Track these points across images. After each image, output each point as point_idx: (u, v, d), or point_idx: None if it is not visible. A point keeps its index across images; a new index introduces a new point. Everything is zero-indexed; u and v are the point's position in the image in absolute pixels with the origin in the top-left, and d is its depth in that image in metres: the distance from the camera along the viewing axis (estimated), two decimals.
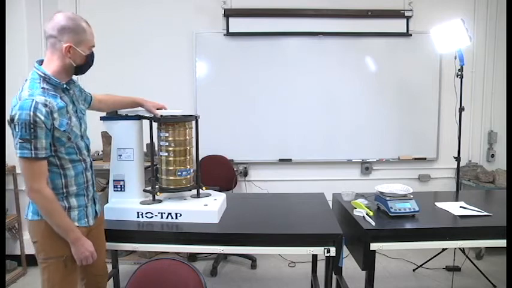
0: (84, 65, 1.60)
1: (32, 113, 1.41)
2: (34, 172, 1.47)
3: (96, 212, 1.76)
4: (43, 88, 1.50)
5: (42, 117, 1.43)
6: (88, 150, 1.71)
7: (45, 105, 1.45)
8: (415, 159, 3.92)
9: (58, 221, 1.53)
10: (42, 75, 1.52)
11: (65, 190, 1.59)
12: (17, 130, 1.42)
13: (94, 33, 1.61)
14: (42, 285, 1.61)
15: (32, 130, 1.41)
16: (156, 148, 2.13)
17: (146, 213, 1.99)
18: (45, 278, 1.60)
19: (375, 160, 3.93)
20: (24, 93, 1.46)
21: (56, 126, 1.49)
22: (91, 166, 1.73)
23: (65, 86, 1.57)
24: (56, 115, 1.49)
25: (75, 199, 1.63)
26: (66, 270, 1.60)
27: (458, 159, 3.23)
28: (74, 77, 1.71)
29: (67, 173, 1.59)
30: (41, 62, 1.56)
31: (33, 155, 1.44)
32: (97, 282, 1.85)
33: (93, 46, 1.60)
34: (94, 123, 2.13)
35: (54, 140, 1.51)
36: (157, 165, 2.12)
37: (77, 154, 1.62)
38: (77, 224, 1.62)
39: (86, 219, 1.67)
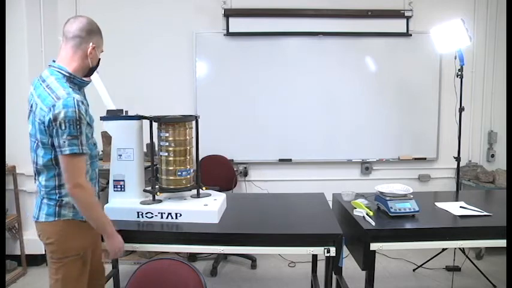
0: (94, 68, 1.68)
1: (77, 110, 1.47)
2: (80, 167, 1.52)
3: None
4: (71, 87, 1.55)
5: (84, 114, 1.51)
6: (96, 147, 1.77)
7: (82, 103, 1.52)
8: (415, 159, 3.92)
9: (98, 214, 1.60)
10: (67, 74, 1.57)
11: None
12: (63, 128, 1.46)
13: None
14: (55, 286, 1.60)
15: (78, 126, 1.48)
16: (156, 148, 2.13)
17: (146, 213, 1.98)
18: (59, 278, 1.59)
19: (375, 160, 3.93)
20: (61, 92, 1.49)
21: (88, 122, 1.58)
22: (97, 164, 1.80)
23: (87, 85, 1.66)
24: (88, 112, 1.59)
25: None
26: (83, 267, 1.64)
27: (458, 159, 3.23)
28: None
29: (90, 167, 1.67)
30: (54, 62, 1.62)
31: (81, 151, 1.50)
32: (95, 279, 1.84)
33: (103, 51, 1.70)
34: (94, 123, 2.13)
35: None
36: (157, 165, 2.12)
37: (94, 150, 1.71)
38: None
39: None
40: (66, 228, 1.60)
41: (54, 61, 1.61)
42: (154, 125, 2.08)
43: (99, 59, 1.70)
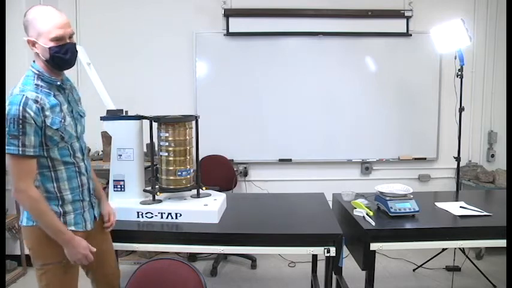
0: (55, 60, 1.46)
1: (21, 108, 1.37)
2: (20, 170, 1.41)
3: (94, 216, 1.71)
4: (36, 85, 1.46)
5: (32, 113, 1.39)
6: (83, 153, 1.64)
7: (36, 102, 1.41)
8: (415, 159, 3.92)
9: (46, 222, 1.47)
10: (36, 72, 1.48)
11: (58, 195, 1.53)
12: (7, 125, 1.37)
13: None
14: None
15: (21, 126, 1.37)
16: (156, 148, 2.13)
17: (146, 213, 1.99)
18: (43, 285, 1.55)
19: (375, 160, 3.93)
20: (16, 89, 1.44)
21: (48, 124, 1.44)
22: (87, 170, 1.66)
23: (59, 83, 1.53)
24: (47, 112, 1.44)
25: (71, 205, 1.57)
26: (66, 275, 1.56)
27: (458, 159, 3.23)
28: (74, 83, 1.70)
29: (59, 175, 1.52)
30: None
31: (20, 152, 1.38)
32: (107, 283, 1.82)
33: (56, 38, 1.43)
34: (94, 123, 2.13)
35: (46, 139, 1.46)
36: (157, 165, 2.12)
37: (71, 156, 1.56)
38: (73, 228, 1.57)
39: (83, 224, 1.62)
40: (39, 234, 1.50)
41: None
42: (154, 125, 2.08)
43: (52, 48, 1.44)
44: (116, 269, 1.87)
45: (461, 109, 3.16)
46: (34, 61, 1.52)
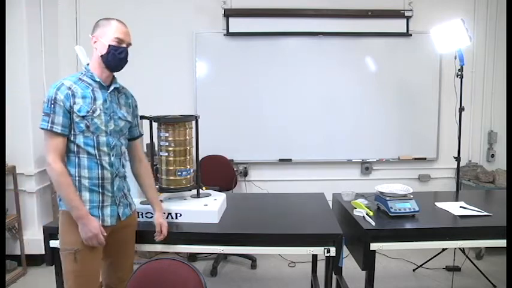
0: (110, 57, 1.68)
1: (55, 91, 1.59)
2: (49, 145, 1.59)
3: (119, 215, 1.74)
4: (80, 79, 1.67)
5: (62, 97, 1.59)
6: (111, 149, 1.69)
7: (69, 88, 1.61)
8: (415, 159, 3.92)
9: (65, 194, 1.60)
10: (84, 70, 1.71)
11: (77, 178, 1.64)
12: (44, 104, 1.60)
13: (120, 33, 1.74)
14: (63, 277, 1.69)
15: (52, 106, 1.58)
16: (156, 148, 2.13)
17: (146, 213, 1.99)
18: (63, 267, 1.68)
19: (375, 160, 3.93)
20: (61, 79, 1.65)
21: (75, 110, 1.60)
22: (113, 166, 1.70)
23: (98, 80, 1.68)
24: (77, 99, 1.61)
25: (88, 193, 1.65)
26: (76, 263, 1.63)
27: (458, 159, 3.23)
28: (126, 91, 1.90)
29: (81, 162, 1.64)
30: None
31: (48, 127, 1.57)
32: (119, 271, 1.86)
33: (118, 38, 1.71)
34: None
35: (73, 124, 1.61)
36: (157, 165, 2.12)
37: (94, 147, 1.65)
38: None
39: (100, 217, 1.67)
40: (63, 219, 1.67)
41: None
42: (154, 125, 2.09)
43: (112, 47, 1.69)
44: (129, 274, 1.86)
45: (461, 109, 3.16)
46: (88, 64, 1.73)
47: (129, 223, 1.83)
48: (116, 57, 1.69)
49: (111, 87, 1.74)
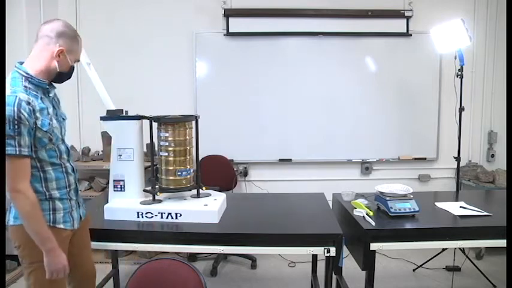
0: (65, 74, 1.61)
1: (16, 109, 1.40)
2: (18, 170, 1.44)
3: (80, 216, 1.74)
4: (25, 87, 1.49)
5: (26, 114, 1.42)
6: (68, 155, 1.68)
7: (28, 103, 1.44)
8: (415, 159, 3.92)
9: (37, 227, 1.48)
10: (25, 74, 1.52)
11: (47, 194, 1.56)
12: (5, 126, 1.40)
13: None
14: None
15: (16, 126, 1.40)
16: (156, 148, 2.13)
17: (146, 213, 1.99)
18: (31, 283, 1.57)
19: (374, 160, 3.93)
20: (7, 90, 1.46)
21: (39, 126, 1.48)
22: (73, 171, 1.69)
23: (46, 86, 1.57)
24: (38, 114, 1.48)
25: (59, 202, 1.60)
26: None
27: (458, 159, 3.22)
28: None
29: (47, 176, 1.56)
30: (21, 63, 1.56)
31: (17, 152, 1.41)
32: (85, 280, 1.83)
33: (78, 60, 1.65)
34: (94, 123, 2.14)
35: (35, 141, 1.49)
36: (157, 165, 2.12)
37: (57, 158, 1.60)
38: (62, 226, 1.61)
39: (71, 222, 1.65)
40: (23, 233, 1.51)
41: (20, 62, 1.57)
42: (154, 125, 2.08)
43: (72, 67, 1.61)
44: (93, 268, 1.88)
45: (461, 109, 3.16)
46: (21, 63, 1.55)
47: (85, 220, 1.81)
48: (68, 77, 1.64)
49: (52, 92, 1.64)
